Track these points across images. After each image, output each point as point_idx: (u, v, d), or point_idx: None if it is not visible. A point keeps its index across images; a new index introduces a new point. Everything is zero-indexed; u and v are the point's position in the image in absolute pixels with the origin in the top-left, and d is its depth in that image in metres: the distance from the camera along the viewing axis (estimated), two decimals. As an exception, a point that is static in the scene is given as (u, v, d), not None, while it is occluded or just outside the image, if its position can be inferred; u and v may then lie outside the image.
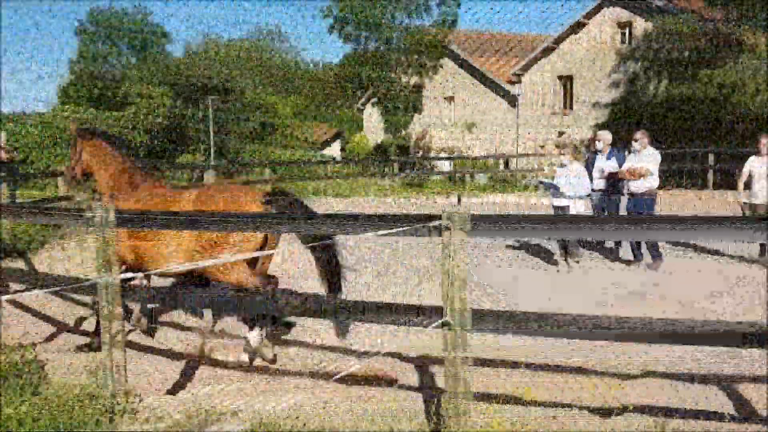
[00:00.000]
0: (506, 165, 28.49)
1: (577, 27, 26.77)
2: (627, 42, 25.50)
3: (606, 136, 9.29)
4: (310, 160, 26.42)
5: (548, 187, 8.80)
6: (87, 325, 6.47)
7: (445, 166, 29.53)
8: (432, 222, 3.54)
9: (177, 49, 48.19)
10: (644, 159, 8.42)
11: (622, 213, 8.80)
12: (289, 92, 44.46)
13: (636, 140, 8.56)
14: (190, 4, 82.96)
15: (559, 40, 27.55)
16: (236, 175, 25.62)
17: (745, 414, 4.09)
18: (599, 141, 9.30)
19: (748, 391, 4.43)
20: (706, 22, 19.39)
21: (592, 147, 10.18)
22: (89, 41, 41.35)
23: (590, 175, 8.77)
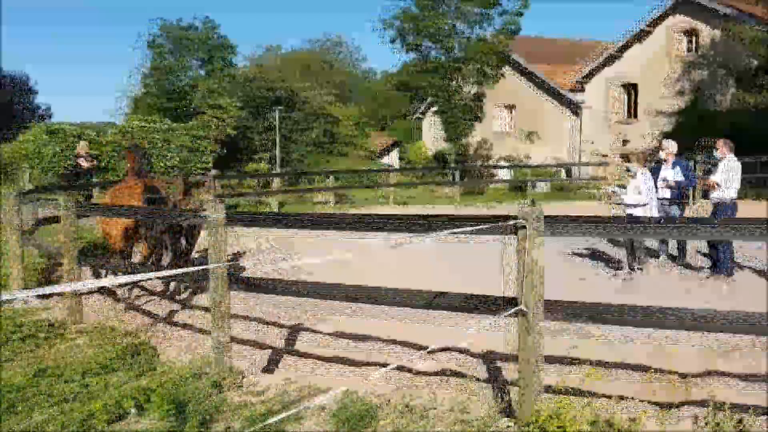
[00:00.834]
0: (568, 174, 28.38)
1: (641, 35, 26.53)
2: (693, 50, 25.12)
3: (670, 145, 9.33)
4: (371, 169, 27.06)
5: (620, 195, 9.01)
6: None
7: (505, 174, 29.69)
8: (510, 221, 3.98)
9: (240, 60, 49.76)
10: (722, 169, 8.48)
11: None
12: (350, 102, 45.41)
13: (716, 149, 8.63)
14: (252, 15, 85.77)
15: (623, 48, 27.33)
16: (299, 183, 26.58)
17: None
18: (663, 150, 9.44)
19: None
20: (768, 27, 19.02)
21: (654, 156, 10.32)
22: (160, 54, 43.26)
23: (656, 184, 8.97)
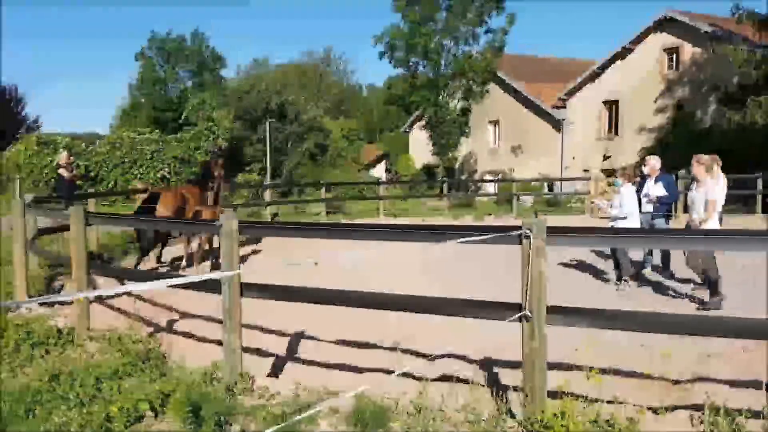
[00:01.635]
0: (550, 188, 28.85)
1: (624, 52, 27.15)
2: (675, 68, 25.74)
3: (653, 161, 9.61)
4: (364, 181, 27.34)
5: (604, 208, 9.32)
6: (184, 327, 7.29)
7: (491, 188, 30.12)
8: (514, 231, 4.20)
9: (229, 73, 50.23)
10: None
11: None
12: (342, 115, 45.85)
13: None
14: (241, 26, 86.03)
15: (605, 66, 27.96)
16: (291, 194, 26.79)
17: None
18: (647, 166, 9.68)
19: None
20: (756, 48, 19.60)
21: (637, 171, 10.64)
22: (149, 66, 43.45)
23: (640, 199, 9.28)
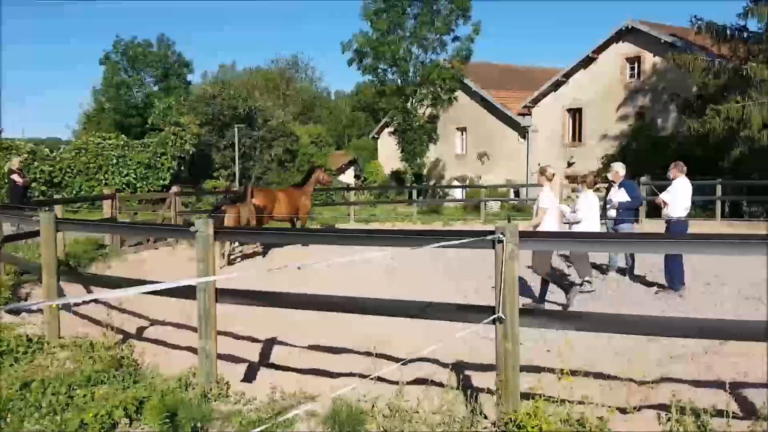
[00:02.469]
0: (516, 194, 29.31)
1: (587, 61, 27.74)
2: (636, 76, 26.40)
3: (617, 168, 9.91)
4: (334, 187, 27.31)
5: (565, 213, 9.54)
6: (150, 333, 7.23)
7: (459, 194, 30.48)
8: (489, 236, 4.31)
9: (195, 78, 49.89)
10: (670, 189, 9.09)
11: None
12: (308, 120, 45.78)
13: (669, 171, 9.29)
14: (207, 32, 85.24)
15: (569, 74, 28.54)
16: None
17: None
18: (611, 172, 9.97)
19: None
20: (714, 58, 20.22)
21: (596, 179, 10.89)
22: (113, 70, 42.80)
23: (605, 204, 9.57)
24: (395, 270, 10.85)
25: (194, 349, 5.39)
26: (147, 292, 6.10)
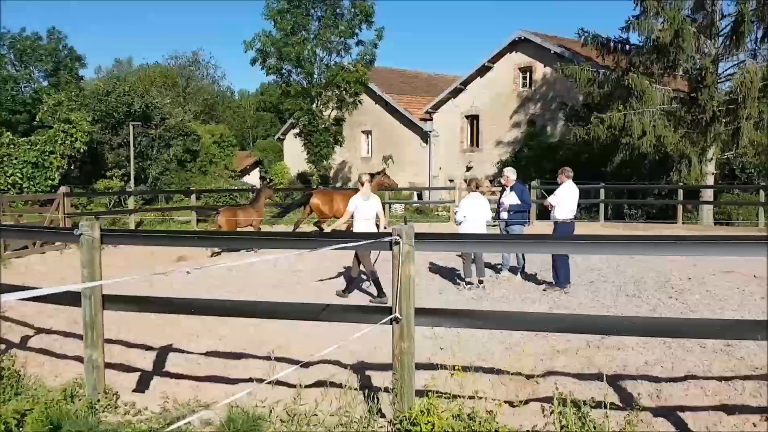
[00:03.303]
0: (419, 197, 29.93)
1: (483, 70, 28.77)
2: (528, 85, 27.65)
3: (509, 172, 10.40)
4: (235, 188, 26.76)
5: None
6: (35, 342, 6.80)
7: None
8: (386, 238, 4.40)
9: (88, 73, 47.32)
10: (557, 192, 9.61)
11: None
12: (210, 120, 44.49)
13: (558, 176, 9.81)
14: (102, 26, 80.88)
15: (466, 82, 29.49)
16: (155, 201, 25.58)
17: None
18: (504, 177, 10.46)
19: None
20: (599, 68, 21.49)
21: (481, 182, 11.38)
22: (-1, 64, 40.02)
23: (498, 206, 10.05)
24: (301, 273, 10.80)
25: (83, 358, 5.13)
26: (26, 299, 5.78)
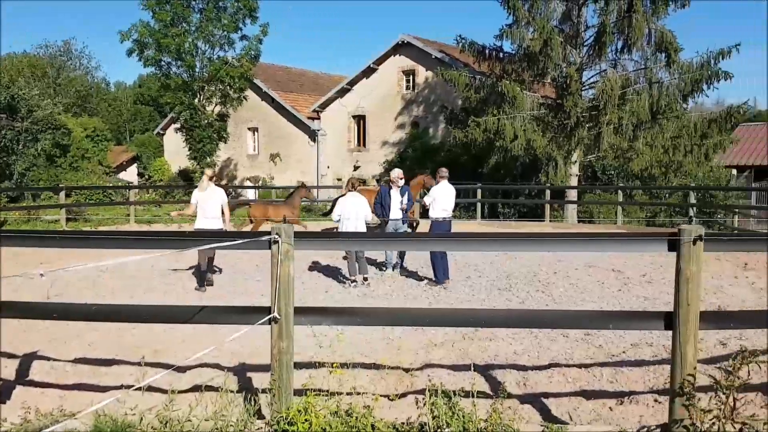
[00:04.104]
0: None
1: (368, 71, 29.15)
2: (411, 88, 28.36)
3: (394, 173, 10.69)
4: (110, 185, 25.29)
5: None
6: None
7: (251, 194, 30.19)
8: (263, 237, 4.37)
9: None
10: (432, 192, 9.93)
11: None
12: (83, 112, 41.62)
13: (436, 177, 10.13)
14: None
15: (352, 82, 29.77)
16: (21, 199, 23.61)
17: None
18: (391, 177, 10.75)
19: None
20: (476, 74, 22.39)
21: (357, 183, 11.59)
22: None
23: (383, 205, 10.29)
24: (182, 273, 10.48)
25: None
26: None
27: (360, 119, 30.19)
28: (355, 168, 29.80)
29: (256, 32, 26.84)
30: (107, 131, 36.19)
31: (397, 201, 10.35)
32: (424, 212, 10.83)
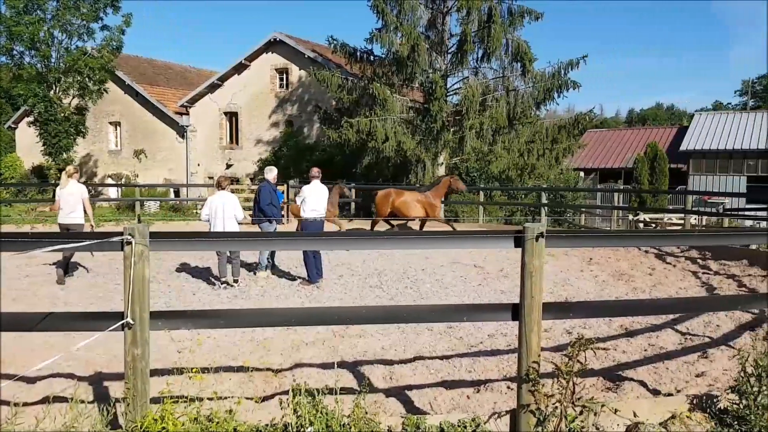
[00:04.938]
0: (176, 194, 28.68)
1: (240, 68, 28.45)
2: (285, 87, 28.06)
3: (267, 172, 10.57)
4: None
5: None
6: None
7: (114, 193, 28.49)
8: (116, 237, 4.14)
9: None
10: (302, 192, 9.97)
11: None
12: None
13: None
14: None
15: (223, 78, 28.92)
16: None
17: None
18: (265, 176, 10.58)
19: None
20: (348, 75, 22.61)
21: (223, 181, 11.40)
22: None
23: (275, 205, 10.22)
24: (34, 278, 9.67)
25: None
26: None
27: (232, 116, 29.39)
28: (228, 166, 29.01)
29: (118, 22, 25.46)
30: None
31: (264, 200, 10.20)
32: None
